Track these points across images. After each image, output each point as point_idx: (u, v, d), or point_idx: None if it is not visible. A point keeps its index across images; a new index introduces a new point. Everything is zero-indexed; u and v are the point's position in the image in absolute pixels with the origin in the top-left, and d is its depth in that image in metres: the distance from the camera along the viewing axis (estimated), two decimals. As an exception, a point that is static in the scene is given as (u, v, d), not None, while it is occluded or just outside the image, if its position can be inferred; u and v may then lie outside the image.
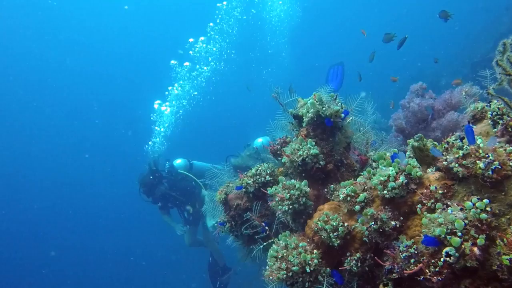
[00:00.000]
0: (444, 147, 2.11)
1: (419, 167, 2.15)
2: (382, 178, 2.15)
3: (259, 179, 2.93)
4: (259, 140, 6.37)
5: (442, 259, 1.74)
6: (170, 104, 12.00)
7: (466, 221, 1.72)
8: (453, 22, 6.60)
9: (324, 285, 2.26)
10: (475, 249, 1.68)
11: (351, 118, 2.78)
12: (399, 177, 2.11)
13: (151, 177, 7.00)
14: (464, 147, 1.94)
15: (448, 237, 1.73)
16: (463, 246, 1.68)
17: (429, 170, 2.20)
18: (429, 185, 2.05)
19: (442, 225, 1.77)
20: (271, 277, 2.31)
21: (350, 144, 2.94)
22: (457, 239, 1.69)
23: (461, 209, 1.77)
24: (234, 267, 8.00)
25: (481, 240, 1.68)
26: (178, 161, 7.47)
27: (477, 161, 1.86)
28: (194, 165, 7.63)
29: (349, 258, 2.23)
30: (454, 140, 2.08)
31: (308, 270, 2.25)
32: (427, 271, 1.79)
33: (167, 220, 7.45)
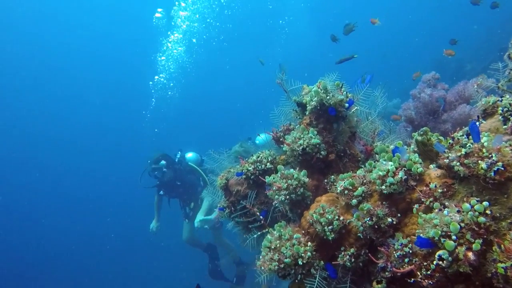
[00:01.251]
0: (449, 143, 2.00)
1: (420, 163, 2.06)
2: (381, 173, 2.07)
3: (260, 166, 2.87)
4: (261, 137, 6.18)
5: (434, 262, 1.66)
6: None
7: (462, 224, 1.64)
8: (482, 5, 6.32)
9: (317, 279, 2.22)
10: (470, 254, 1.59)
11: (356, 108, 2.67)
12: (398, 172, 2.02)
13: (163, 161, 6.94)
14: (467, 145, 1.83)
15: (442, 239, 1.64)
16: (457, 250, 1.60)
17: (431, 166, 2.10)
18: (429, 183, 1.96)
19: (437, 227, 1.68)
20: (262, 268, 2.27)
21: (356, 133, 2.85)
22: (451, 242, 1.61)
23: (458, 211, 1.68)
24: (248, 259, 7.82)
25: (476, 245, 1.59)
26: (190, 155, 7.38)
27: (479, 161, 1.75)
28: (204, 163, 7.46)
29: (343, 253, 2.18)
30: (460, 136, 1.97)
31: (300, 262, 2.20)
32: (419, 273, 1.72)
33: (155, 210, 7.33)
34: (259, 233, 2.70)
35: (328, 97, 2.54)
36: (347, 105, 2.56)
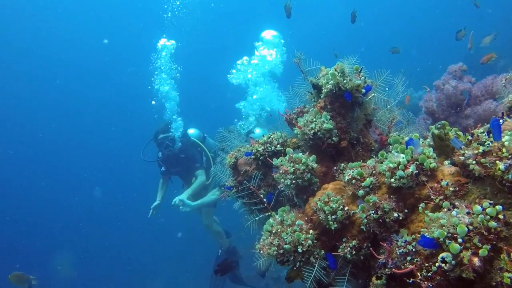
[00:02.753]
0: (468, 139, 1.87)
1: (434, 158, 1.94)
2: (391, 165, 1.97)
3: (270, 148, 2.80)
4: (257, 131, 5.99)
5: (437, 264, 1.57)
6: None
7: (471, 227, 1.53)
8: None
9: (316, 268, 2.16)
10: (476, 259, 1.49)
11: (373, 94, 2.55)
12: (409, 166, 1.91)
13: (166, 134, 6.66)
14: (486, 143, 1.70)
15: (447, 241, 1.55)
16: (461, 254, 1.50)
17: (446, 162, 1.98)
18: (441, 180, 1.85)
19: (443, 227, 1.58)
20: (261, 252, 2.23)
21: (372, 122, 2.73)
22: (457, 245, 1.51)
23: (468, 213, 1.58)
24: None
25: (483, 251, 1.49)
26: (192, 131, 7.11)
27: (498, 162, 1.63)
28: (206, 140, 7.22)
29: (344, 244, 2.10)
30: (480, 133, 1.84)
31: (300, 250, 2.15)
32: (419, 274, 1.63)
33: (159, 189, 6.98)
34: (261, 216, 2.64)
35: (345, 81, 2.42)
36: (364, 91, 2.44)
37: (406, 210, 1.95)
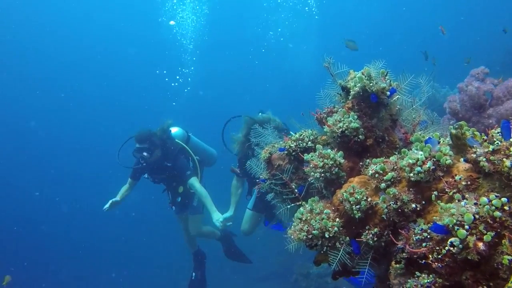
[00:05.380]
0: (483, 138, 2.07)
1: (450, 155, 2.15)
2: (410, 161, 2.19)
3: (301, 144, 3.05)
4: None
5: (446, 248, 1.80)
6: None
7: (477, 216, 1.75)
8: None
9: (341, 252, 2.41)
10: (480, 244, 1.71)
11: (397, 96, 2.76)
12: (427, 162, 2.13)
13: (142, 145, 5.94)
14: (495, 143, 1.91)
15: (456, 228, 1.77)
16: (467, 239, 1.72)
17: (461, 159, 2.18)
18: (455, 175, 2.06)
19: (453, 216, 1.80)
20: (292, 236, 2.50)
21: (397, 121, 2.94)
22: (463, 231, 1.73)
23: (476, 204, 1.79)
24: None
25: (487, 237, 1.70)
26: (175, 130, 6.49)
27: (504, 159, 1.83)
28: (191, 139, 6.67)
29: (367, 232, 2.34)
30: (495, 133, 2.04)
31: (327, 235, 2.40)
32: (430, 256, 1.86)
33: (124, 189, 6.38)
34: (292, 204, 2.91)
35: (371, 84, 2.65)
36: (388, 93, 2.66)
37: (423, 202, 2.17)
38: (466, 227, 1.74)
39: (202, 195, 5.94)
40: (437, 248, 1.86)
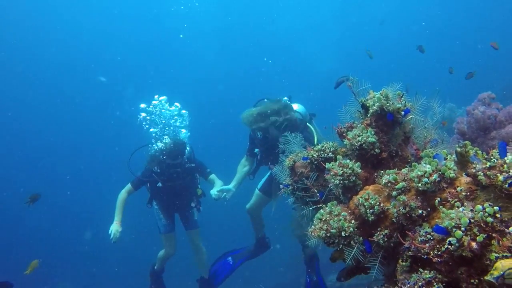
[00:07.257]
0: (484, 157, 2.42)
1: (454, 170, 2.49)
2: (419, 173, 2.54)
3: (323, 154, 3.42)
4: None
5: (445, 246, 2.14)
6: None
7: (472, 220, 2.09)
8: None
9: (354, 250, 2.76)
10: (473, 243, 2.05)
11: (411, 116, 3.10)
12: (433, 175, 2.48)
13: (179, 156, 6.15)
14: (492, 160, 2.25)
15: (453, 229, 2.11)
16: (463, 239, 2.06)
17: (463, 174, 2.52)
18: (457, 186, 2.40)
19: (452, 219, 2.15)
20: (313, 234, 2.86)
21: (410, 138, 3.28)
22: (460, 232, 2.07)
23: (472, 210, 2.13)
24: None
25: (480, 238, 2.04)
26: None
27: (498, 174, 2.17)
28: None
29: (378, 233, 2.69)
30: (495, 152, 2.38)
31: (343, 234, 2.75)
32: (431, 252, 2.20)
33: (117, 208, 6.11)
34: (314, 207, 3.27)
35: (388, 104, 3.01)
36: (403, 113, 3.01)
37: (429, 209, 2.51)
38: (462, 229, 2.08)
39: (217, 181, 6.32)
40: (438, 246, 2.20)
